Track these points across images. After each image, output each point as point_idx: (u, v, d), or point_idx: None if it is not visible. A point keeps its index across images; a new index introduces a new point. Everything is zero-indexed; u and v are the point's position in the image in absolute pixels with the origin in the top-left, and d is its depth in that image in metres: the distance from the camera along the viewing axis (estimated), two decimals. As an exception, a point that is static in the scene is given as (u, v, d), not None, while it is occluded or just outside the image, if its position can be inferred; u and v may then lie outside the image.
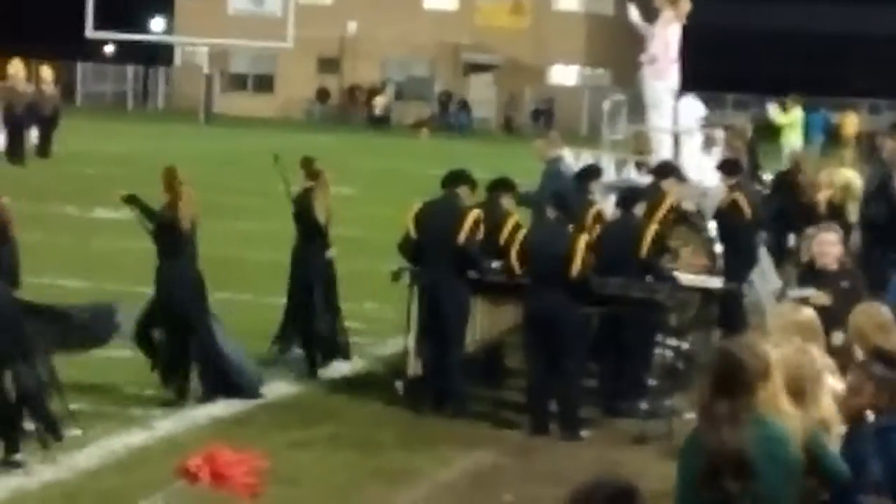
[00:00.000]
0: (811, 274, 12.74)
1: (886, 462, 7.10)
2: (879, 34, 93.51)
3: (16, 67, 45.53)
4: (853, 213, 18.42)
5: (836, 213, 18.63)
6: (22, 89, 44.31)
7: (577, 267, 13.68)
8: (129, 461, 12.55)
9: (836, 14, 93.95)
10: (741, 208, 16.97)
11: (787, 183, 21.97)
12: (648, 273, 15.04)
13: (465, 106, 78.81)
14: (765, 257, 17.95)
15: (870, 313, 8.85)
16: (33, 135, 42.86)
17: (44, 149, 42.02)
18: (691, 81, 20.64)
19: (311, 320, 16.96)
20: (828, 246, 12.47)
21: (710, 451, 6.34)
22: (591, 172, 17.09)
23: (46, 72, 49.58)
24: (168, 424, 13.76)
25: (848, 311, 9.23)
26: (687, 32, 18.89)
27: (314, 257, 17.79)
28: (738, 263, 16.89)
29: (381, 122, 75.33)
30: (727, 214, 17.31)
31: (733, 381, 6.42)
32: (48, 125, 43.01)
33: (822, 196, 19.21)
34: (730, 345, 7.20)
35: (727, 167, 17.94)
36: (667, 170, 16.94)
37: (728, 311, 15.91)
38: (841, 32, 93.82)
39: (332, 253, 18.23)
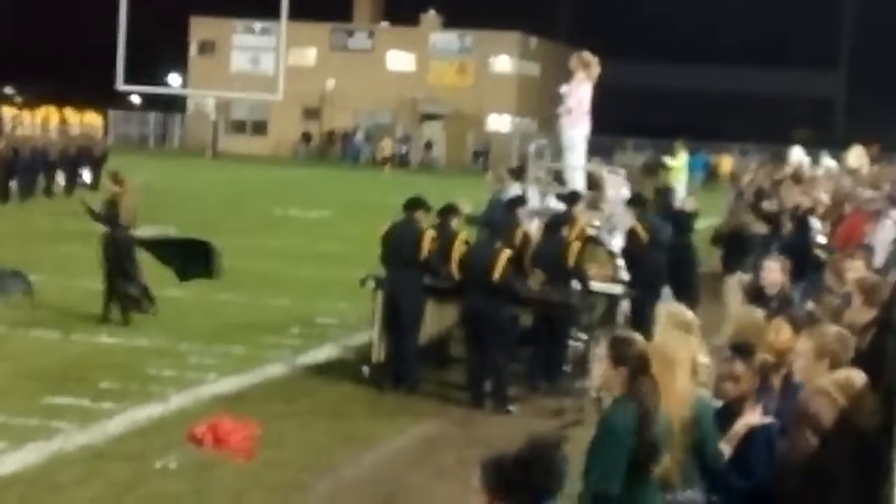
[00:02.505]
0: (754, 292, 12.67)
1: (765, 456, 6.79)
2: (749, 92, 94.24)
3: (72, 116, 45.47)
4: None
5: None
6: (73, 134, 43.85)
7: (498, 274, 14.09)
8: (148, 429, 12.68)
9: (714, 75, 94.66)
10: (638, 234, 17.19)
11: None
12: (576, 279, 15.34)
13: (429, 146, 79.14)
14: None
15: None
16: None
17: (95, 184, 40.27)
18: (600, 128, 20.91)
19: (124, 285, 18.23)
20: (769, 272, 12.57)
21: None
22: (518, 201, 17.35)
23: (97, 119, 49.48)
24: (180, 399, 13.89)
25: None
26: (597, 89, 19.10)
27: (120, 240, 18.60)
28: (637, 275, 16.67)
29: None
30: (629, 238, 17.41)
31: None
32: (99, 164, 41.93)
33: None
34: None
35: (632, 200, 18.26)
36: (576, 198, 17.26)
37: (636, 312, 15.93)
38: (719, 90, 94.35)
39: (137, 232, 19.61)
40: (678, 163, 39.77)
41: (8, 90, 78.90)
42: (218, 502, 10.38)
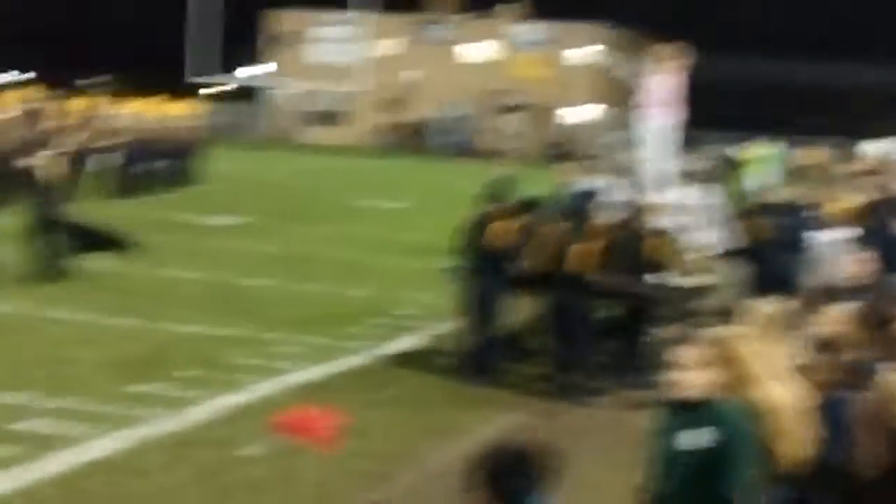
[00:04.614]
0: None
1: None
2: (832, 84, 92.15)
3: (178, 107, 45.63)
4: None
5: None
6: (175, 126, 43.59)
7: (582, 266, 14.09)
8: (233, 417, 12.77)
9: (798, 68, 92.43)
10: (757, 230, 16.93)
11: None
12: (656, 272, 15.00)
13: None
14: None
15: None
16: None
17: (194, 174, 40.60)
18: (691, 122, 20.71)
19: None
20: (850, 265, 12.34)
21: None
22: (590, 194, 17.31)
23: (195, 109, 49.86)
24: (265, 387, 13.98)
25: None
26: (682, 82, 19.00)
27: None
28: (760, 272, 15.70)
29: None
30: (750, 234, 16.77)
31: None
32: (196, 154, 42.02)
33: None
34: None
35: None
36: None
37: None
38: (802, 82, 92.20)
39: None
40: (760, 155, 39.63)
41: (81, 81, 79.92)
42: (302, 490, 10.28)
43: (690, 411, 5.78)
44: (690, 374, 5.77)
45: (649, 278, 14.70)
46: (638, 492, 6.02)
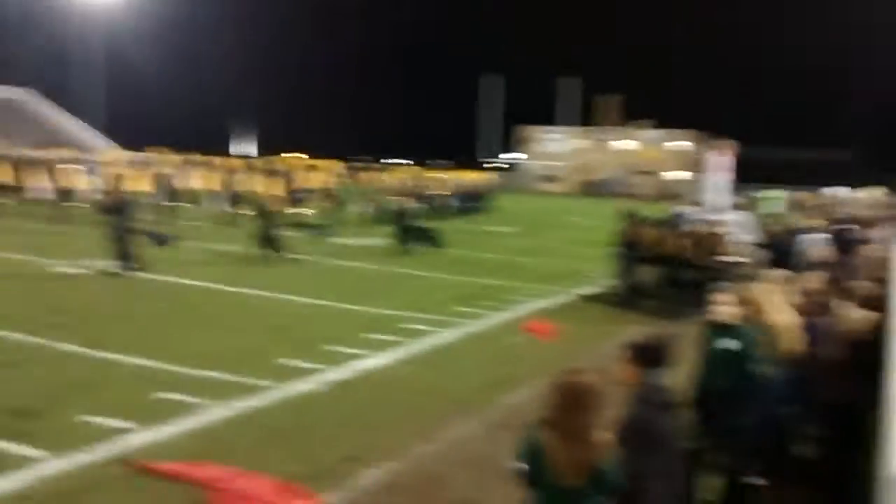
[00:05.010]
0: None
1: None
2: None
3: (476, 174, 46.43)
4: None
5: None
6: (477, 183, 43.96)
7: (672, 252, 14.40)
8: (510, 322, 12.65)
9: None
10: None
11: None
12: (717, 256, 14.40)
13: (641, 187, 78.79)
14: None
15: None
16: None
17: (482, 210, 39.59)
18: (735, 179, 20.60)
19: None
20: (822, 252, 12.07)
21: None
22: (682, 215, 17.47)
23: (488, 175, 50.70)
24: (525, 307, 13.80)
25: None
26: (733, 159, 19.27)
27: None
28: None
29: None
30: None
31: None
32: (488, 199, 41.11)
33: None
34: None
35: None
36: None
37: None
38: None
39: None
40: (772, 195, 39.67)
41: (430, 161, 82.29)
42: (538, 354, 10.25)
43: (724, 329, 5.67)
44: (725, 308, 5.71)
45: (713, 259, 14.53)
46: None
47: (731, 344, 5.60)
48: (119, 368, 8.82)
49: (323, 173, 41.92)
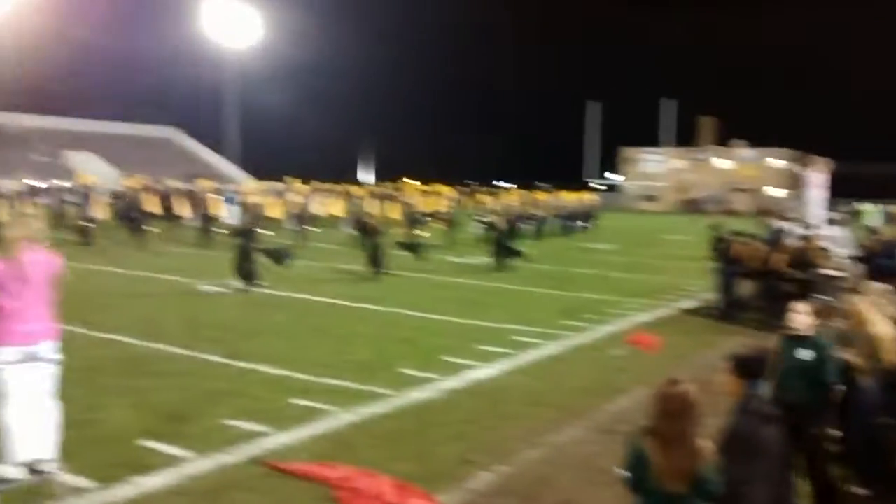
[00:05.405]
0: None
1: None
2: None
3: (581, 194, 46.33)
4: None
5: None
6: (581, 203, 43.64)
7: (772, 266, 13.73)
8: (607, 337, 12.41)
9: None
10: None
11: None
12: (815, 269, 13.57)
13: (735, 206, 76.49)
14: None
15: None
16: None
17: (590, 227, 39.33)
18: (831, 194, 19.79)
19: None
20: None
21: None
22: (781, 230, 16.89)
23: (591, 195, 50.42)
24: (617, 323, 13.56)
25: None
26: (828, 176, 18.59)
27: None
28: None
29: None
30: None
31: None
32: (594, 218, 41.06)
33: None
34: None
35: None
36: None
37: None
38: None
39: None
40: (869, 209, 37.82)
41: (540, 184, 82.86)
42: (643, 363, 10.11)
43: (800, 340, 5.51)
44: (801, 319, 5.55)
45: (812, 273, 13.91)
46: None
47: (807, 354, 5.47)
48: (256, 377, 9.08)
49: (438, 197, 42.40)
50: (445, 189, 53.76)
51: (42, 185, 35.45)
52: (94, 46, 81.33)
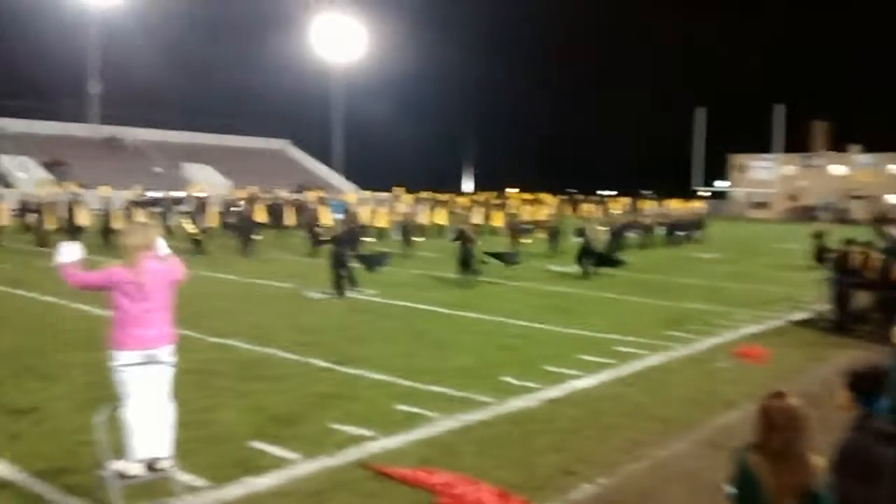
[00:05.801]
0: None
1: None
2: None
3: (689, 203, 44.96)
4: None
5: None
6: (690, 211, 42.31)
7: (892, 277, 13.16)
8: (715, 348, 12.07)
9: None
10: None
11: None
12: None
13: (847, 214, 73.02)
14: None
15: None
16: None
17: (699, 239, 37.91)
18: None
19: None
20: None
21: None
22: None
23: (699, 203, 49.25)
24: (726, 335, 13.17)
25: None
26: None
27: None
28: None
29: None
30: None
31: None
32: (702, 227, 39.41)
33: None
34: None
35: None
36: None
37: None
38: None
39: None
40: None
41: (644, 192, 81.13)
42: (750, 377, 9.74)
43: None
44: None
45: None
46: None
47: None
48: (362, 382, 9.21)
49: (541, 206, 42.25)
50: (548, 198, 53.49)
51: (158, 195, 37.05)
52: (208, 63, 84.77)
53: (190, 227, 26.55)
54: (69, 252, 5.34)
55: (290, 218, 34.83)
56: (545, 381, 9.45)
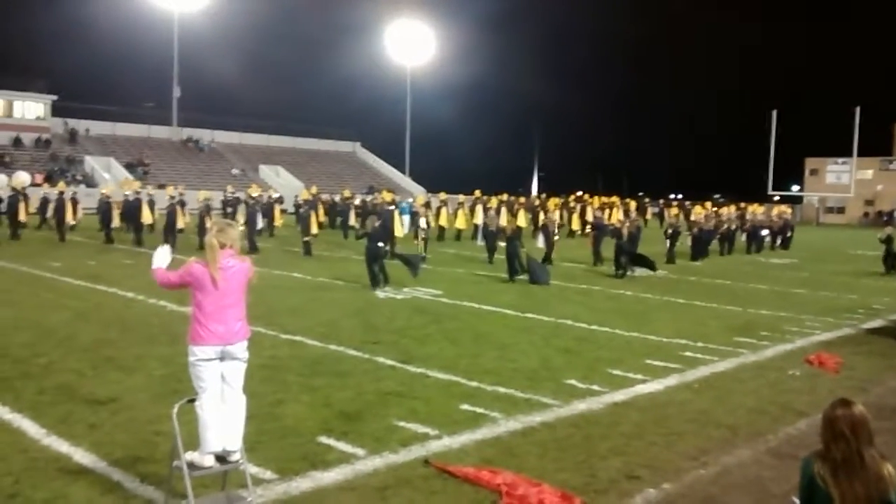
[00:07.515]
0: None
1: None
2: None
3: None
4: None
5: None
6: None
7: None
8: (785, 355, 11.75)
9: None
10: None
11: None
12: None
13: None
14: None
15: None
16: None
17: (786, 245, 36.61)
18: None
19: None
20: None
21: None
22: None
23: (786, 209, 48.32)
24: (796, 342, 12.83)
25: None
26: None
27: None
28: None
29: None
30: None
31: None
32: (791, 231, 38.04)
33: None
34: None
35: None
36: None
37: None
38: None
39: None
40: None
41: (716, 197, 79.37)
42: (823, 388, 9.43)
43: None
44: None
45: None
46: None
47: None
48: (426, 381, 9.25)
49: (615, 209, 41.84)
50: (619, 201, 52.73)
51: (233, 196, 37.86)
52: (284, 68, 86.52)
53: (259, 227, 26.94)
54: (161, 257, 5.63)
55: (353, 219, 35.46)
56: (610, 385, 9.35)
